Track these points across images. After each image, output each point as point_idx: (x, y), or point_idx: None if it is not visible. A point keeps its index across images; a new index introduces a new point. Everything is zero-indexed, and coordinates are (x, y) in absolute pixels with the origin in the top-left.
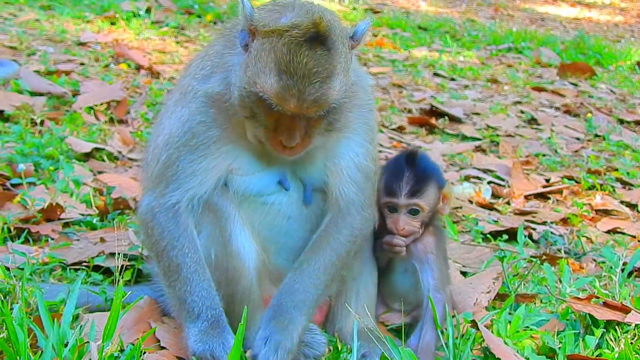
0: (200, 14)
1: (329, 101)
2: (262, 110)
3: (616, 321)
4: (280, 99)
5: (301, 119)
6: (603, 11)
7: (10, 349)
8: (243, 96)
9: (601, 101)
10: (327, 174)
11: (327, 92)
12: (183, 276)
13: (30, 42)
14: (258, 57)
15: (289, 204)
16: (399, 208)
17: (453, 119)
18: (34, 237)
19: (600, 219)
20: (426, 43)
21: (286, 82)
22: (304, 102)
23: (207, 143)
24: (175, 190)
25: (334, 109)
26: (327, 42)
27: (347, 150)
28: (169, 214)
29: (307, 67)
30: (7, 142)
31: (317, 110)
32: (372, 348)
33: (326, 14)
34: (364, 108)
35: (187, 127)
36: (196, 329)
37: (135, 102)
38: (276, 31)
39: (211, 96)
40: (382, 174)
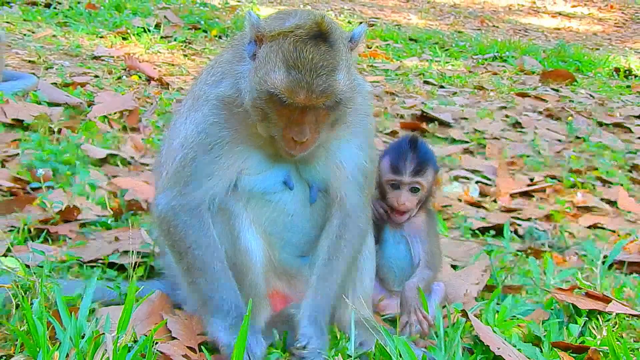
0: (206, 29)
1: (335, 92)
2: (274, 108)
3: (598, 310)
4: (290, 92)
5: (310, 112)
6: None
7: (31, 341)
8: (255, 98)
9: (581, 105)
10: (330, 176)
11: (333, 83)
12: (210, 274)
13: (48, 57)
14: (267, 59)
15: (292, 202)
16: (402, 185)
17: (442, 124)
18: (52, 237)
19: (582, 215)
20: (417, 53)
21: (295, 76)
22: (313, 93)
23: (221, 143)
24: (196, 189)
25: (339, 103)
26: (329, 39)
27: (348, 153)
28: (193, 213)
29: (313, 61)
30: (27, 149)
31: (325, 100)
32: (369, 336)
33: (327, 16)
34: (362, 113)
35: (200, 128)
36: (225, 324)
37: (147, 111)
38: (282, 33)
39: (222, 99)
40: (384, 155)
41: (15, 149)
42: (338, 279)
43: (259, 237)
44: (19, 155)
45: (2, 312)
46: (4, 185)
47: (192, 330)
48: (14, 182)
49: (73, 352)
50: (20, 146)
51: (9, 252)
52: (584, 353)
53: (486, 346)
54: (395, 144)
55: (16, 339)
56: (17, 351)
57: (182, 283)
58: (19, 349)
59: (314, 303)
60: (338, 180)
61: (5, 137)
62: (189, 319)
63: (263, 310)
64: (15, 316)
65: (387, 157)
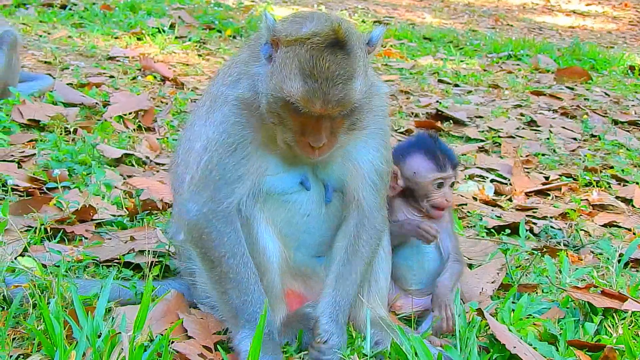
0: (220, 29)
1: (351, 101)
2: (289, 115)
3: (614, 309)
4: (306, 102)
5: (326, 119)
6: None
7: (48, 340)
8: (271, 103)
9: (596, 103)
10: (347, 177)
11: (349, 92)
12: (244, 286)
13: (64, 58)
14: (283, 65)
15: (308, 202)
16: (445, 182)
17: (457, 122)
18: (69, 236)
19: (597, 214)
20: (431, 52)
21: (311, 85)
22: (329, 103)
23: (244, 143)
24: (230, 196)
25: (356, 109)
26: (346, 47)
27: (365, 154)
28: (227, 220)
29: (329, 70)
30: (43, 149)
31: (341, 110)
32: (384, 335)
33: (344, 22)
34: (379, 114)
35: (222, 128)
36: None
37: (162, 111)
38: (298, 40)
39: (241, 100)
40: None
41: (32, 150)
42: (357, 279)
43: (275, 237)
44: (35, 156)
45: (20, 312)
46: (20, 185)
47: (208, 330)
48: (30, 183)
49: (90, 352)
50: (36, 146)
51: (25, 252)
52: (600, 351)
53: (502, 345)
54: (420, 143)
55: (33, 338)
56: (34, 350)
57: (212, 291)
58: (36, 348)
59: (334, 301)
60: (354, 180)
61: (21, 137)
62: (205, 318)
63: (279, 310)
64: (32, 315)
65: (421, 157)
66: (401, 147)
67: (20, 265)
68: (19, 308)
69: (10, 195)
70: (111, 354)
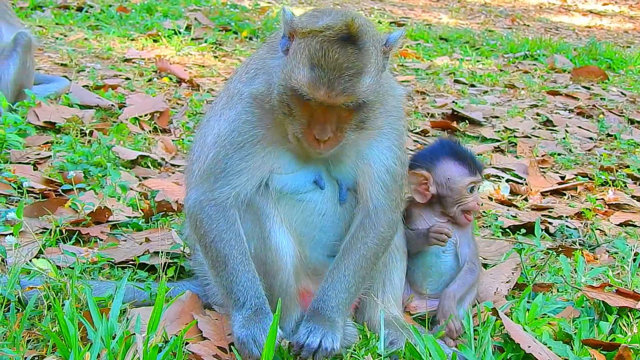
0: (236, 30)
1: (357, 93)
2: (297, 104)
3: (629, 308)
4: (310, 88)
5: (332, 112)
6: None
7: (62, 342)
8: (280, 92)
9: (613, 103)
10: (358, 175)
11: (355, 85)
12: (230, 267)
13: (80, 60)
14: (294, 55)
15: (323, 201)
16: (476, 185)
17: (473, 122)
18: (84, 238)
19: (613, 213)
20: (447, 53)
21: (318, 73)
22: (333, 90)
23: (252, 141)
24: (224, 186)
25: (363, 105)
26: (358, 42)
27: (378, 154)
28: (218, 208)
29: (337, 62)
30: (59, 151)
31: (345, 100)
32: (399, 336)
33: (360, 18)
34: (393, 115)
35: (233, 126)
36: (241, 316)
37: (177, 113)
38: (312, 32)
39: (256, 97)
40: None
41: (47, 152)
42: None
43: (290, 236)
44: (50, 158)
45: (35, 313)
46: (36, 187)
47: (223, 331)
48: (45, 185)
49: (104, 353)
50: (52, 149)
51: (40, 254)
52: (615, 350)
53: (516, 344)
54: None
55: (48, 339)
56: (49, 352)
57: (211, 278)
58: (51, 350)
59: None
60: (365, 179)
61: (37, 139)
62: (220, 319)
63: (293, 310)
64: (47, 317)
65: (453, 163)
66: (428, 153)
67: (35, 267)
68: (33, 310)
69: (25, 198)
70: (125, 355)
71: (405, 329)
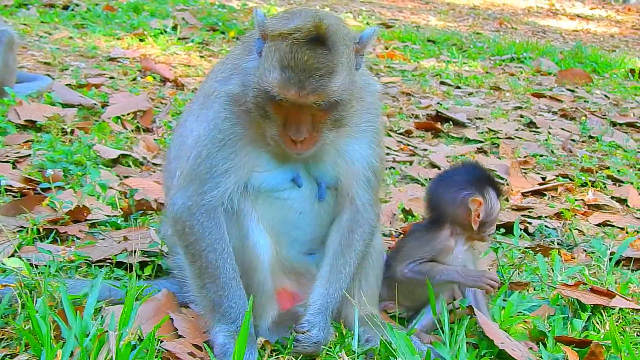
0: (224, 30)
1: (327, 92)
2: (271, 106)
3: (602, 306)
4: (281, 89)
5: (306, 112)
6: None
7: (35, 340)
8: (255, 95)
9: (596, 105)
10: (340, 174)
11: (326, 84)
12: (222, 281)
13: (64, 58)
14: (266, 58)
15: (301, 199)
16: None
17: (457, 124)
18: (62, 237)
19: (592, 213)
20: (434, 54)
21: (288, 74)
22: (304, 90)
23: (233, 139)
24: (213, 189)
25: (337, 104)
26: (327, 43)
27: (358, 151)
28: (210, 215)
29: (307, 63)
30: (39, 150)
31: (317, 100)
32: (375, 333)
33: (330, 18)
34: (371, 112)
35: (213, 124)
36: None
37: (161, 112)
38: (282, 34)
39: (232, 96)
40: (486, 191)
41: (27, 150)
42: (350, 273)
43: (267, 234)
44: (30, 156)
45: (8, 312)
46: (14, 186)
47: (199, 329)
48: (24, 183)
49: (77, 351)
50: (32, 147)
51: (16, 252)
52: (587, 347)
53: (491, 341)
54: (485, 177)
55: (21, 338)
56: (21, 350)
57: (192, 284)
58: (24, 348)
59: (326, 293)
60: (348, 177)
61: (17, 138)
62: (196, 318)
63: (270, 309)
64: (20, 316)
65: (492, 192)
66: (472, 178)
67: (8, 265)
68: (7, 308)
69: (3, 196)
70: (99, 353)
71: (381, 326)
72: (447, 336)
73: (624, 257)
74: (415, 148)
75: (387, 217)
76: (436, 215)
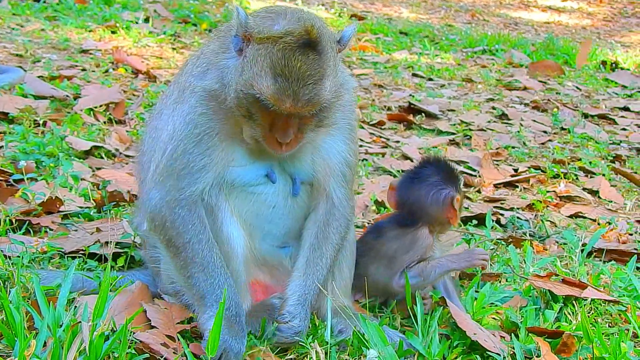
0: (195, 22)
1: (321, 101)
2: (259, 111)
3: (574, 297)
4: (276, 100)
5: (294, 117)
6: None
7: (8, 330)
8: (240, 98)
9: (567, 97)
10: (316, 170)
11: (319, 92)
12: (210, 269)
13: (36, 50)
14: (254, 62)
15: (274, 194)
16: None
17: (429, 115)
18: (34, 228)
19: (564, 205)
20: (407, 47)
21: (282, 84)
22: (299, 102)
23: (210, 134)
24: (192, 185)
25: (325, 107)
26: (318, 48)
27: (334, 147)
28: (191, 209)
29: (300, 70)
30: (11, 141)
31: (311, 109)
32: (348, 324)
33: (316, 21)
34: (347, 109)
35: (188, 119)
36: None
37: (133, 104)
38: (271, 38)
39: (209, 92)
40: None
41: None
42: (327, 264)
43: (240, 227)
44: (2, 148)
45: None
46: None
47: (172, 319)
48: None
49: (50, 341)
50: (4, 139)
51: None
52: (559, 338)
53: (463, 332)
54: (439, 166)
55: None
56: None
57: (177, 276)
58: None
59: (304, 284)
60: (324, 173)
61: None
62: (169, 308)
63: (244, 300)
64: None
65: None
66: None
67: None
68: None
69: None
70: (72, 344)
71: (354, 317)
72: (419, 327)
73: (596, 248)
74: (387, 140)
75: (360, 209)
76: (412, 215)
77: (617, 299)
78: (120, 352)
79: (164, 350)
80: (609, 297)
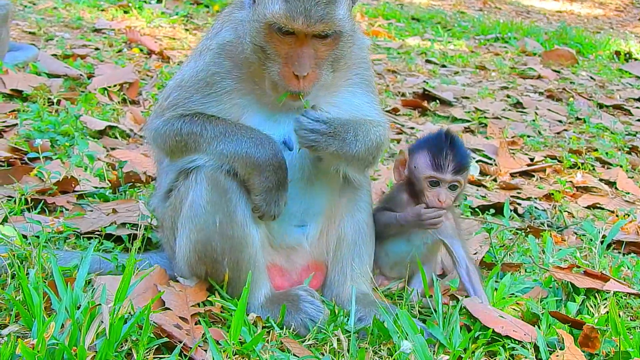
0: (208, 3)
1: (334, 20)
2: (273, 42)
3: (596, 289)
4: (288, 19)
5: (309, 45)
6: (584, 4)
7: (26, 311)
8: (254, 35)
9: (582, 87)
10: None
11: (331, 11)
12: (232, 131)
13: (49, 28)
14: None
15: (291, 165)
16: (442, 183)
17: (444, 102)
18: (49, 208)
19: (581, 195)
20: (419, 33)
21: (293, 3)
22: (311, 18)
23: (219, 92)
24: (190, 105)
25: (339, 37)
26: None
27: (352, 99)
28: (175, 119)
29: None
30: (26, 119)
31: (324, 29)
32: (367, 312)
33: None
34: (362, 65)
35: (201, 76)
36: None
37: (147, 84)
38: None
39: (224, 46)
40: (419, 150)
41: (14, 120)
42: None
43: None
44: (17, 126)
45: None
46: (1, 155)
47: (186, 302)
48: (11, 153)
49: (68, 323)
50: (18, 117)
51: (5, 222)
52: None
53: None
54: (431, 140)
55: (11, 308)
56: (12, 321)
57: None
58: (14, 319)
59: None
60: None
61: (3, 107)
62: (184, 291)
63: (263, 285)
64: (10, 286)
65: (425, 153)
66: (422, 138)
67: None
68: None
69: None
70: (91, 326)
71: (374, 305)
72: (440, 317)
73: (615, 240)
74: (402, 126)
75: (377, 195)
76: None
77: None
78: (142, 337)
79: (177, 332)
80: (631, 290)
